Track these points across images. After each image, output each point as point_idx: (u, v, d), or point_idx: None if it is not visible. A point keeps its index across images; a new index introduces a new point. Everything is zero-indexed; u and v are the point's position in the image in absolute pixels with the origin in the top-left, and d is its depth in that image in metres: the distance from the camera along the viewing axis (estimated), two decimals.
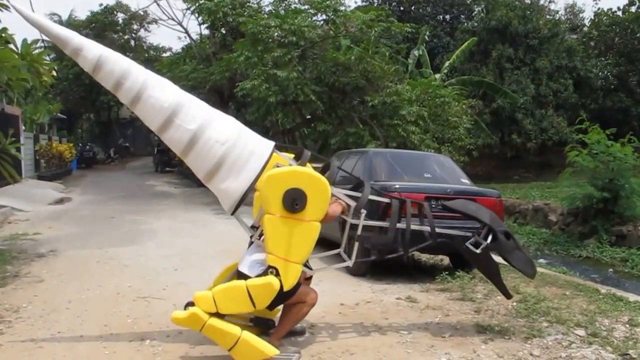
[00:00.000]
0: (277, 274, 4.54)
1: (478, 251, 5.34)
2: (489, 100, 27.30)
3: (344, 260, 5.47)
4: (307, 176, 4.63)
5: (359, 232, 5.34)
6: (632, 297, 7.20)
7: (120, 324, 5.61)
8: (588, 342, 5.26)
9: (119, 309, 6.11)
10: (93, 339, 5.14)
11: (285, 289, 4.56)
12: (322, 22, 18.15)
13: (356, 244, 5.41)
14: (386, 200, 5.88)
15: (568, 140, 21.08)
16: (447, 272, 7.83)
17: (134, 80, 4.88)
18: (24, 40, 7.91)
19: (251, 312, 4.83)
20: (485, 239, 5.40)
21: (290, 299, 4.78)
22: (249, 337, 4.50)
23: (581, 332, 5.55)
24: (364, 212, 5.20)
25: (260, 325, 5.12)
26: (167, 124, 4.81)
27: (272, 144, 4.97)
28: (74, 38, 4.94)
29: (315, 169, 4.94)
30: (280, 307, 4.96)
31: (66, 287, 7.06)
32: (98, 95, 39.63)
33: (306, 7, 18.55)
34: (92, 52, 4.92)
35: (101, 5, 38.07)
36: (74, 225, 12.47)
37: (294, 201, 4.52)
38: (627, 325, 5.82)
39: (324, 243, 9.84)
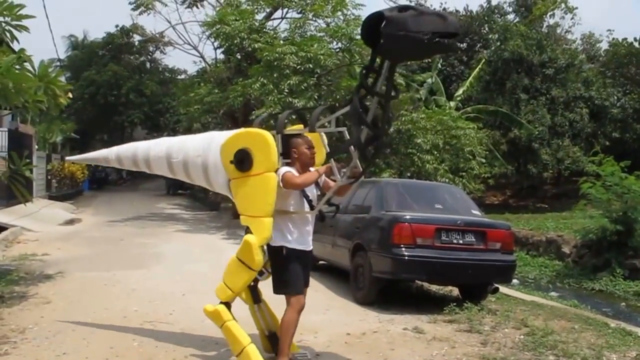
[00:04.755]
0: (250, 232, 4.90)
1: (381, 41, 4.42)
2: (505, 129, 27.26)
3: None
4: (246, 134, 5.12)
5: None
6: None
7: (126, 347, 5.61)
8: None
9: (125, 333, 6.11)
10: None
11: (259, 243, 4.84)
12: (337, 50, 18.23)
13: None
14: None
15: (584, 170, 20.95)
16: (455, 304, 7.76)
17: (141, 155, 6.13)
18: (41, 62, 8.00)
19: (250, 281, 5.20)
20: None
21: (287, 294, 4.97)
22: (252, 351, 4.85)
23: None
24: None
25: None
26: (169, 165, 5.87)
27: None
28: (108, 154, 6.50)
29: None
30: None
31: (73, 309, 7.08)
32: (112, 116, 39.99)
33: (322, 34, 18.68)
34: (112, 155, 6.42)
35: (117, 26, 38.59)
36: (83, 246, 12.53)
37: (242, 160, 4.93)
38: None
39: (334, 271, 9.87)
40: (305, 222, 5.11)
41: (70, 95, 8.41)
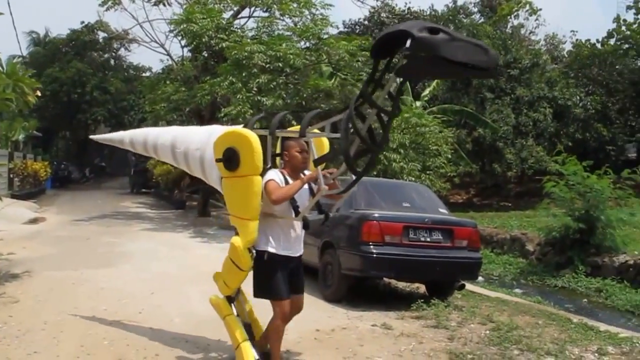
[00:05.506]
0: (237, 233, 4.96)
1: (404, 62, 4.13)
2: (470, 128, 27.58)
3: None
4: (235, 134, 5.01)
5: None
6: (602, 327, 7.36)
7: (96, 346, 5.62)
8: None
9: (95, 331, 6.10)
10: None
11: (244, 245, 4.86)
12: (305, 49, 18.29)
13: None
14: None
15: (547, 169, 21.32)
16: (422, 300, 7.91)
17: (151, 141, 6.31)
18: (9, 59, 7.91)
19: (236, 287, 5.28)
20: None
21: (265, 298, 4.99)
22: (245, 348, 4.95)
23: None
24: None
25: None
26: (173, 155, 5.98)
27: (239, 126, 5.50)
28: (123, 137, 6.81)
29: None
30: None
31: (42, 308, 7.04)
32: (75, 113, 39.35)
33: (289, 33, 18.73)
34: (127, 138, 6.69)
35: (82, 22, 37.97)
36: (48, 245, 12.38)
37: (229, 159, 4.89)
38: (596, 354, 5.95)
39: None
40: (293, 228, 5.04)
41: (38, 93, 8.34)
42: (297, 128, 5.42)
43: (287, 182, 4.92)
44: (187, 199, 26.30)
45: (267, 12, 20.66)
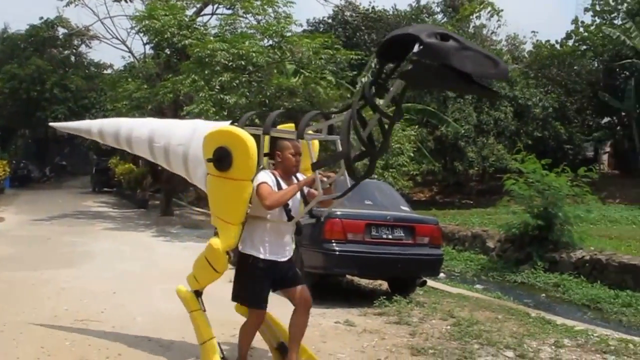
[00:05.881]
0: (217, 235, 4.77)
1: (409, 67, 3.97)
2: (432, 127, 27.84)
3: None
4: (229, 133, 4.73)
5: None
6: (559, 321, 7.55)
7: (57, 347, 5.55)
8: None
9: (56, 332, 6.03)
10: None
11: (223, 248, 4.69)
12: (268, 47, 18.29)
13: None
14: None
15: (508, 167, 21.65)
16: (384, 297, 7.99)
17: (124, 133, 5.97)
18: None
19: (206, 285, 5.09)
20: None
21: (241, 304, 4.97)
22: (211, 346, 4.89)
23: (510, 353, 5.79)
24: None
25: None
26: (151, 150, 5.71)
27: (226, 123, 5.32)
28: (91, 126, 6.48)
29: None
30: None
31: (0, 309, 6.92)
32: (35, 111, 38.64)
33: (252, 31, 18.71)
34: (95, 127, 6.35)
35: (41, 18, 37.27)
36: (7, 245, 12.18)
37: (220, 159, 4.62)
38: (553, 347, 6.10)
39: None
40: (282, 232, 4.83)
41: None
42: (288, 126, 5.24)
43: (279, 185, 4.66)
44: (149, 198, 26.09)
45: (231, 10, 20.62)
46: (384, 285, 9.46)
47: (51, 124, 7.36)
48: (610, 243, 13.18)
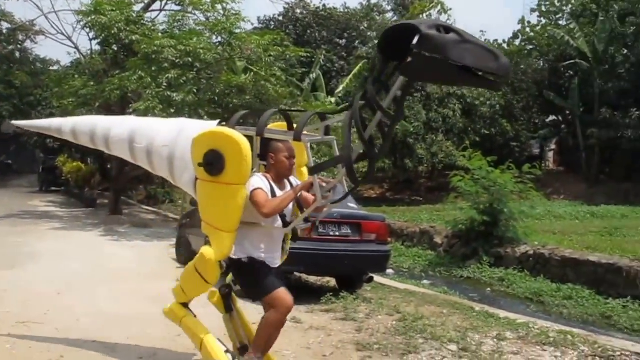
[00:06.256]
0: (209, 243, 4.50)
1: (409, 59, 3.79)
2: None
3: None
4: (221, 136, 4.43)
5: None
6: (503, 314, 7.73)
7: None
8: (459, 356, 5.63)
9: None
10: None
11: (217, 257, 4.40)
12: (217, 44, 18.18)
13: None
14: None
15: (456, 164, 22.01)
16: (331, 294, 8.06)
17: (101, 133, 5.67)
18: None
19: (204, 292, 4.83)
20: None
21: (265, 297, 4.49)
22: (209, 341, 4.64)
23: (453, 347, 5.91)
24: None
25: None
26: (131, 150, 5.43)
27: (214, 122, 5.13)
28: (62, 125, 6.04)
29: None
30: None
31: None
32: None
33: (201, 28, 18.58)
34: (67, 126, 5.96)
35: None
36: None
37: (212, 163, 4.35)
38: (495, 340, 6.25)
39: None
40: (275, 238, 4.64)
41: None
42: (278, 125, 5.07)
43: (272, 190, 4.45)
44: (98, 196, 25.67)
45: (179, 6, 20.43)
46: (332, 281, 9.53)
47: (14, 122, 7.10)
48: (553, 238, 13.55)
